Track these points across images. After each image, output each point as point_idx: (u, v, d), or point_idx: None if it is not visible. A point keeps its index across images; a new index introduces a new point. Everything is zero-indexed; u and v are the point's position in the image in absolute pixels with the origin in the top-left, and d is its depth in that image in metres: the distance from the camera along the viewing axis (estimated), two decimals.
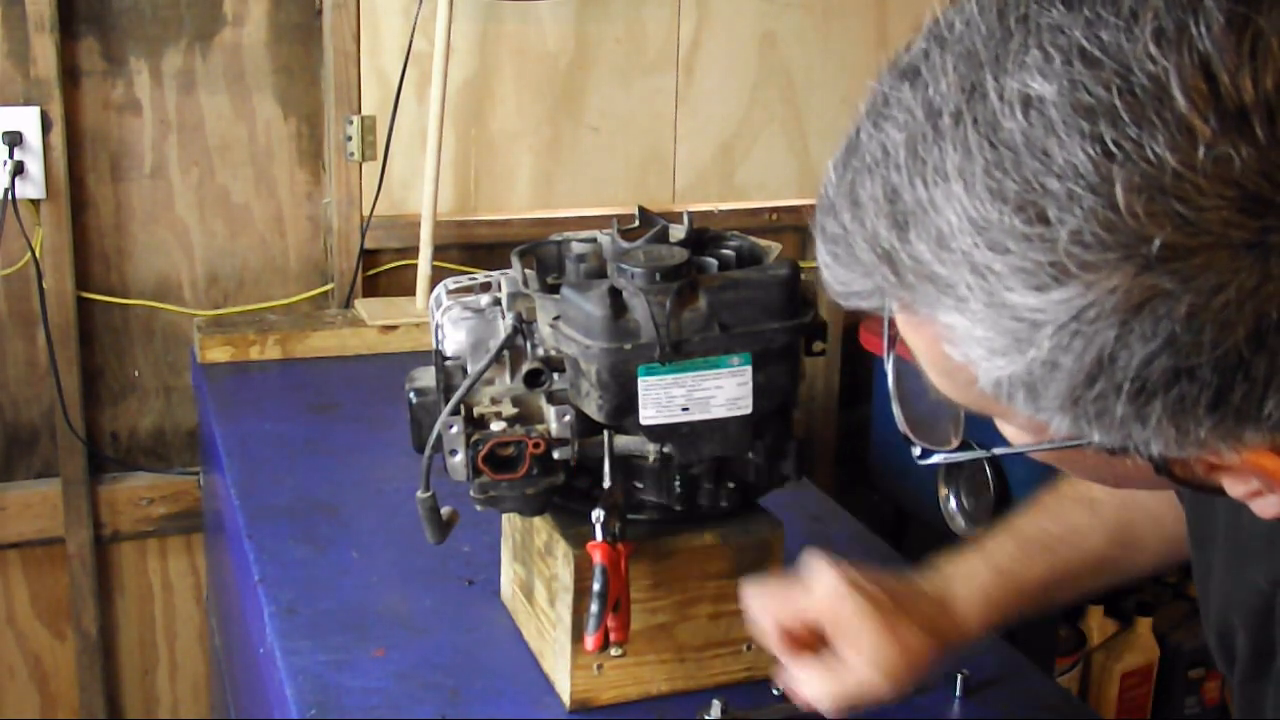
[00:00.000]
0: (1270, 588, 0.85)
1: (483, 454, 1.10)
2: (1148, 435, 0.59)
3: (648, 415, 1.08)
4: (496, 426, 1.11)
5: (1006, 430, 0.70)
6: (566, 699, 1.17)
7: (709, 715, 1.15)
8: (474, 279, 1.25)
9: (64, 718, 2.24)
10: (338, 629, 1.28)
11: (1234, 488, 0.65)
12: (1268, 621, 0.86)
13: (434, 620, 1.30)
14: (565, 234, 1.22)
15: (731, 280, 1.09)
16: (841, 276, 0.65)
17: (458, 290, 1.22)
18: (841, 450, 2.57)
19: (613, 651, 1.15)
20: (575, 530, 1.14)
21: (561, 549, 1.15)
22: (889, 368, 0.74)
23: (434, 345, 1.20)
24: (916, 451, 0.76)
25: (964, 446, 0.76)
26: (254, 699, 1.47)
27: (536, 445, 1.10)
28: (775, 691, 1.20)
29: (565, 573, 1.14)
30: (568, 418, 1.11)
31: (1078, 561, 1.08)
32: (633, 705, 1.18)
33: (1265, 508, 0.66)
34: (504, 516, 1.28)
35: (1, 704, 2.20)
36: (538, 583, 1.21)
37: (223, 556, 1.75)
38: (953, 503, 2.08)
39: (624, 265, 1.08)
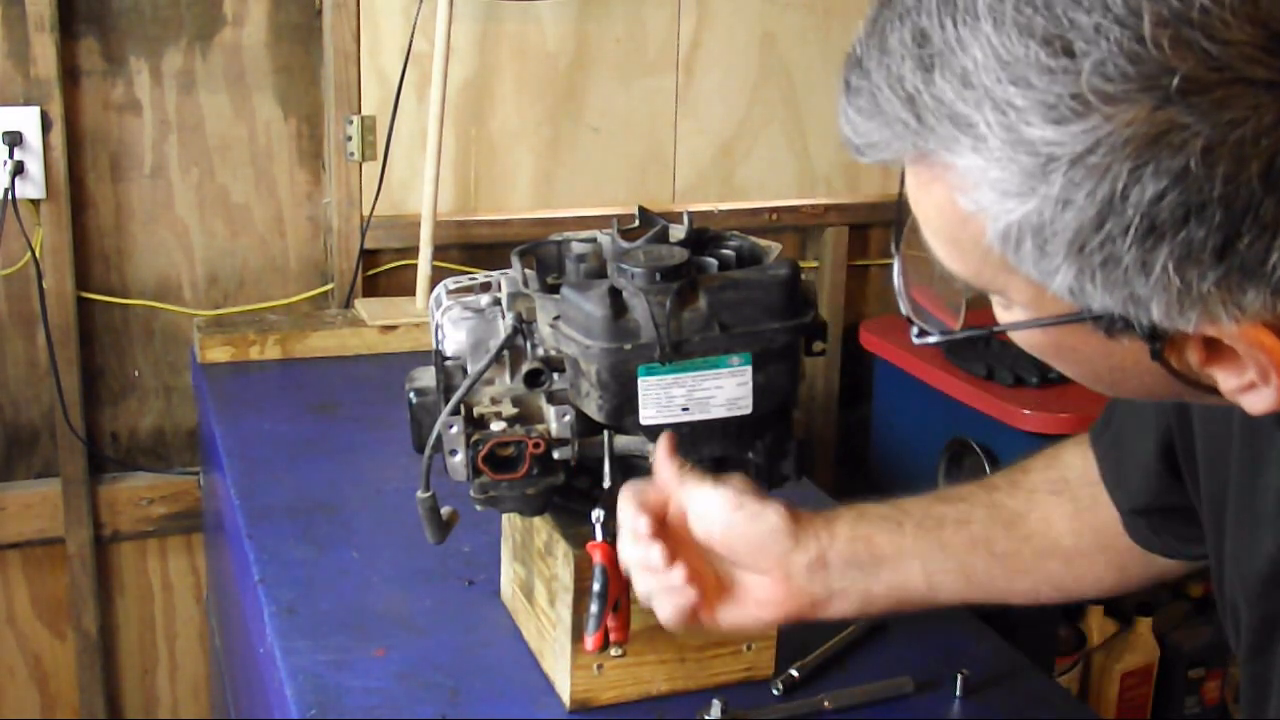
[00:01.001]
0: (1279, 553, 0.83)
1: (483, 454, 1.10)
2: (1150, 292, 0.60)
3: (648, 415, 1.08)
4: (496, 426, 1.11)
5: (1003, 315, 0.70)
6: (566, 699, 1.17)
7: (709, 715, 1.15)
8: (474, 279, 1.25)
9: (64, 718, 2.24)
10: (338, 629, 1.28)
11: (1227, 380, 0.65)
12: (1276, 589, 0.84)
13: (434, 620, 1.30)
14: (565, 234, 1.22)
15: (731, 280, 1.09)
16: (862, 128, 0.66)
17: (458, 290, 1.22)
18: (841, 450, 2.57)
19: (613, 651, 1.15)
20: (575, 530, 1.14)
21: (561, 549, 1.15)
22: (896, 260, 0.75)
23: (434, 345, 1.20)
24: (914, 332, 0.76)
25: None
26: (254, 699, 1.47)
27: (536, 445, 1.10)
28: (775, 691, 1.20)
29: (565, 573, 1.14)
30: (568, 418, 1.11)
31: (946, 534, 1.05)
32: (633, 705, 1.18)
33: (1256, 402, 0.65)
34: (504, 516, 1.28)
35: (1, 704, 2.20)
36: (538, 583, 1.21)
37: (223, 556, 1.75)
38: None
39: (624, 265, 1.08)
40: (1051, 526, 1.05)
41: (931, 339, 0.75)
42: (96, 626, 2.18)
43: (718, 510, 0.99)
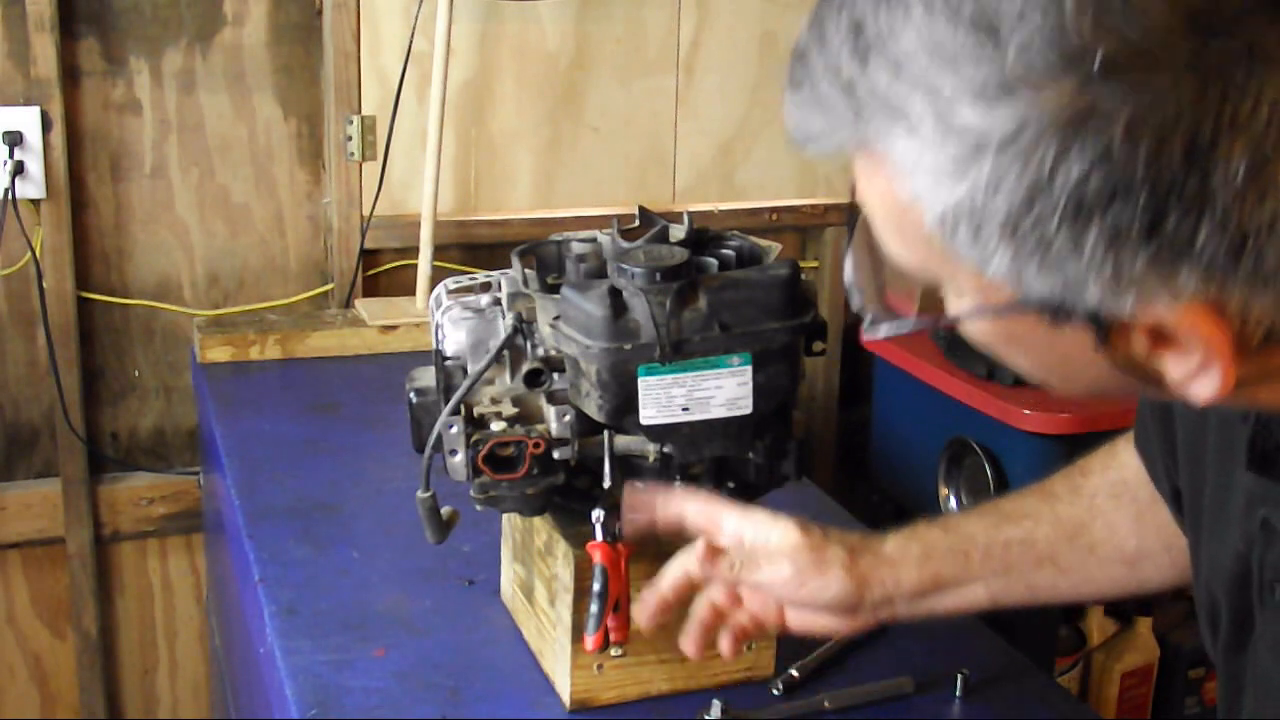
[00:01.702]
0: (1245, 549, 0.84)
1: (483, 454, 1.10)
2: (1084, 274, 0.61)
3: (648, 415, 1.08)
4: (496, 426, 1.11)
5: (952, 304, 0.71)
6: (566, 699, 1.17)
7: (709, 715, 1.15)
8: (474, 279, 1.25)
9: (64, 718, 2.24)
10: (338, 629, 1.28)
11: (1175, 369, 0.65)
12: (1246, 586, 0.85)
13: (434, 620, 1.30)
14: (565, 234, 1.22)
15: (731, 280, 1.09)
16: (802, 120, 0.67)
17: (458, 290, 1.22)
18: (841, 450, 2.57)
19: (613, 651, 1.15)
20: (575, 530, 1.14)
21: (561, 549, 1.15)
22: (848, 254, 0.75)
23: (434, 345, 1.20)
24: (866, 323, 0.76)
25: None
26: (254, 699, 1.47)
27: (536, 445, 1.10)
28: (775, 691, 1.20)
29: (565, 573, 1.14)
30: (568, 418, 1.11)
31: (1014, 556, 1.07)
32: (633, 705, 1.18)
33: (1202, 389, 0.65)
34: (504, 516, 1.28)
35: (1, 704, 2.20)
36: (538, 583, 1.21)
37: (223, 556, 1.75)
38: (953, 502, 2.08)
39: (624, 265, 1.08)
40: (1115, 532, 1.07)
41: (881, 331, 0.75)
42: (96, 626, 2.18)
43: (782, 590, 1.04)
